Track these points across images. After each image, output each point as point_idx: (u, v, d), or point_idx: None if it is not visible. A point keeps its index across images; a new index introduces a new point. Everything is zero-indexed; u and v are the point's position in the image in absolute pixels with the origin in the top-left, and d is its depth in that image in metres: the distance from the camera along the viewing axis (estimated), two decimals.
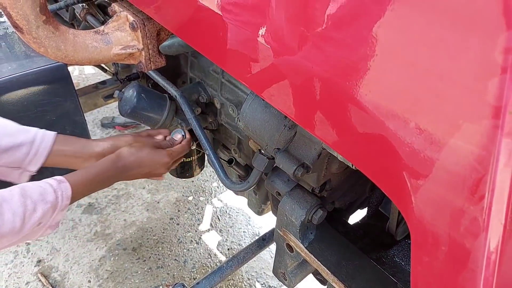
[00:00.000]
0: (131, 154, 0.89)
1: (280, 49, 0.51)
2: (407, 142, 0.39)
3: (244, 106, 0.81)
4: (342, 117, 0.45)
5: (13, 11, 0.63)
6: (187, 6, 0.67)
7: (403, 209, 0.42)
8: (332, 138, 0.48)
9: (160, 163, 0.93)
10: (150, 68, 0.85)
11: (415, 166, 0.40)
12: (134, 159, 0.89)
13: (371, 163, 0.45)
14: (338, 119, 0.46)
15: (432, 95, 0.37)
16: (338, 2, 0.41)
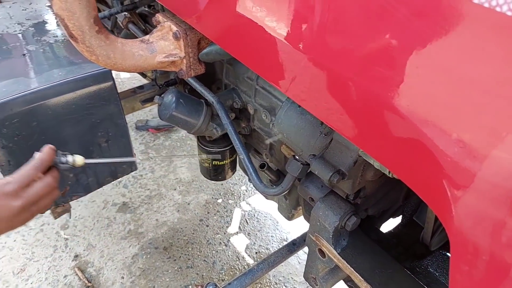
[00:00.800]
0: None
1: (319, 58, 0.52)
2: (449, 152, 0.40)
3: (280, 113, 0.83)
4: (383, 126, 0.46)
5: (70, 22, 0.68)
6: (227, 16, 0.70)
7: (443, 218, 0.43)
8: (371, 146, 0.49)
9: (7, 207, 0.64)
10: (191, 75, 0.89)
11: (456, 176, 0.40)
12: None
13: (410, 171, 0.46)
14: (378, 127, 0.47)
15: (475, 106, 0.37)
16: (379, 13, 0.42)
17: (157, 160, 2.62)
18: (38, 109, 0.97)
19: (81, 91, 1.02)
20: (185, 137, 2.81)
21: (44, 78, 0.99)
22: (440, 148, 0.41)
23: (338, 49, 0.49)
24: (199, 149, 1.32)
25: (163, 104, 1.09)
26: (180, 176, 2.48)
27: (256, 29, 0.62)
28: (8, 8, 1.38)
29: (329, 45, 0.51)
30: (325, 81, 0.53)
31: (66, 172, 0.74)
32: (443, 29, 0.38)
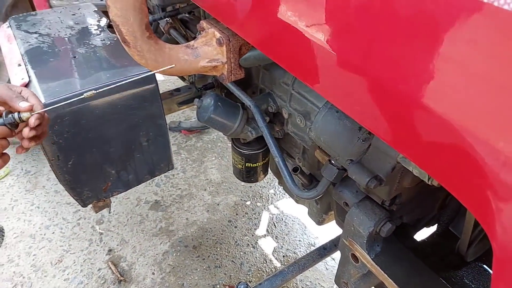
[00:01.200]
0: None
1: (360, 61, 0.54)
2: (493, 161, 0.41)
3: (317, 118, 0.84)
4: (426, 131, 0.47)
5: (124, 28, 0.73)
6: (269, 22, 0.73)
7: (487, 227, 0.43)
8: (414, 152, 0.50)
9: None
10: (231, 79, 0.92)
11: (501, 187, 0.41)
12: None
13: (454, 179, 0.46)
14: (422, 132, 0.48)
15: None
16: (423, 18, 0.43)
17: (188, 161, 2.69)
18: (87, 109, 1.03)
19: (126, 92, 1.07)
20: (216, 139, 2.86)
21: (93, 80, 1.05)
22: (485, 157, 0.42)
23: (379, 53, 0.50)
24: (233, 151, 1.36)
25: (202, 107, 1.13)
26: (211, 177, 2.53)
27: (296, 35, 0.64)
28: (59, 13, 1.47)
29: (370, 49, 0.52)
30: (367, 85, 0.54)
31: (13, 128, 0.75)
32: (492, 35, 0.39)
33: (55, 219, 2.26)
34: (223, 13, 0.84)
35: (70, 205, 2.35)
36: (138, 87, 1.08)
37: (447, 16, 0.41)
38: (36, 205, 2.36)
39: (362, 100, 0.57)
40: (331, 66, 0.61)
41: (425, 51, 0.44)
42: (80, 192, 1.18)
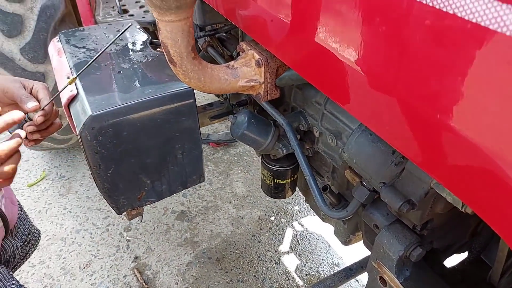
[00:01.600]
0: None
1: (395, 86, 0.56)
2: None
3: (351, 139, 0.86)
4: (461, 158, 0.48)
5: (172, 49, 0.78)
6: (306, 46, 0.76)
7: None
8: (448, 178, 0.52)
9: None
10: (267, 99, 0.96)
11: None
12: None
13: (489, 207, 0.48)
14: (456, 159, 0.49)
15: None
16: (451, 42, 0.45)
17: (215, 173, 2.73)
18: (129, 121, 1.09)
19: (165, 106, 1.13)
20: (242, 153, 2.91)
21: (136, 94, 1.11)
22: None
23: (411, 74, 0.52)
24: (263, 166, 1.39)
25: (236, 123, 1.17)
26: (236, 190, 2.57)
27: (330, 57, 0.67)
28: (104, 29, 1.56)
29: (401, 70, 0.54)
30: (398, 107, 0.56)
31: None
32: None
33: (86, 224, 2.35)
34: (262, 36, 0.89)
35: (100, 211, 2.44)
36: (177, 102, 1.13)
37: (482, 40, 0.42)
38: (68, 209, 2.46)
39: (394, 122, 0.59)
40: (363, 87, 0.63)
41: (458, 74, 0.46)
42: (116, 200, 1.23)
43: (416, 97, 0.53)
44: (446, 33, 0.46)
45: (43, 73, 2.11)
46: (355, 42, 0.62)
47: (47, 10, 1.94)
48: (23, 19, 1.92)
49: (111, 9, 1.96)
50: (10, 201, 1.10)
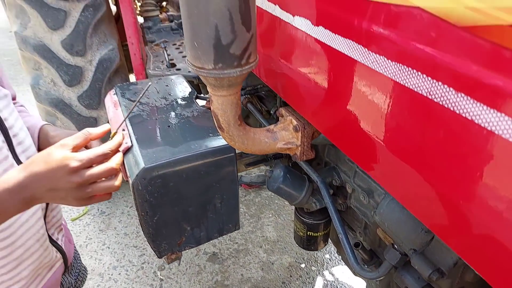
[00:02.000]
0: (26, 167, 0.70)
1: (421, 163, 0.62)
2: None
3: (382, 203, 0.92)
4: (485, 239, 0.53)
5: (222, 118, 0.89)
6: (337, 117, 0.84)
7: None
8: (470, 257, 0.56)
9: (62, 170, 0.68)
10: (303, 159, 1.04)
11: None
12: (40, 158, 0.70)
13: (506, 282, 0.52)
14: (478, 238, 0.54)
15: None
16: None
17: (246, 216, 2.79)
18: (176, 173, 1.19)
19: (209, 159, 1.23)
20: (273, 196, 2.96)
21: (184, 148, 1.23)
22: None
23: (439, 158, 0.58)
24: (296, 219, 1.44)
25: (272, 177, 1.25)
26: (267, 234, 2.61)
27: (360, 131, 0.75)
28: (155, 84, 1.73)
29: (429, 152, 0.60)
30: (423, 184, 0.62)
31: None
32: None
33: (122, 261, 2.45)
34: (299, 104, 0.99)
35: (137, 248, 2.54)
36: (219, 155, 1.24)
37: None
38: (107, 245, 2.58)
39: (417, 195, 0.64)
40: (387, 159, 0.70)
41: (479, 159, 0.52)
42: (159, 244, 1.32)
43: (439, 174, 0.59)
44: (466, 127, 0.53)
45: (96, 118, 2.32)
46: (380, 117, 0.69)
47: (104, 63, 2.16)
48: (82, 71, 2.15)
49: (161, 63, 2.16)
50: (68, 240, 1.21)
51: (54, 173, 0.68)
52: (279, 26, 0.94)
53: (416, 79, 0.56)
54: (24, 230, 0.87)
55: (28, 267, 0.91)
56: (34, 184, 0.68)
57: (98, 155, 0.74)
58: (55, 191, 0.69)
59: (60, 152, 0.70)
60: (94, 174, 0.72)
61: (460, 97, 0.50)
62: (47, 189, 0.69)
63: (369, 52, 0.65)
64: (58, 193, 0.70)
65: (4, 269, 0.85)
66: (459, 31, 0.49)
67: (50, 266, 1.02)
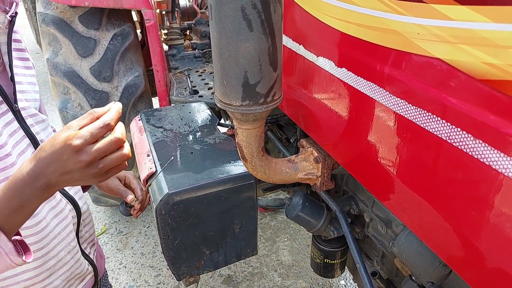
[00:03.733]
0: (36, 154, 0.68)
1: (435, 199, 0.65)
2: None
3: (401, 235, 0.94)
4: (504, 277, 0.56)
5: (246, 149, 0.94)
6: (359, 151, 0.88)
7: None
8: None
9: (67, 148, 0.65)
10: (322, 189, 1.07)
11: None
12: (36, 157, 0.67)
13: None
14: (495, 278, 0.57)
15: None
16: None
17: (262, 239, 2.80)
18: (198, 199, 1.24)
19: (230, 186, 1.28)
20: (289, 220, 2.96)
21: (206, 175, 1.28)
22: None
23: (455, 196, 0.61)
24: (313, 246, 1.46)
25: (291, 205, 1.29)
26: (282, 258, 2.61)
27: (379, 166, 0.78)
28: (179, 110, 1.80)
29: (447, 192, 0.63)
30: (445, 222, 0.65)
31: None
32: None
33: (138, 280, 2.48)
34: (319, 137, 1.03)
35: (153, 268, 2.57)
36: (240, 182, 1.28)
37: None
38: (123, 264, 2.62)
39: (434, 229, 0.67)
40: (404, 193, 0.73)
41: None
42: (178, 267, 1.36)
43: (454, 210, 0.61)
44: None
45: None
46: (397, 153, 0.73)
47: (129, 88, 2.26)
48: (109, 96, 2.25)
49: (184, 89, 2.25)
50: (99, 255, 1.26)
51: (61, 156, 0.65)
52: (303, 64, 0.99)
53: (434, 123, 0.60)
54: (56, 242, 0.94)
55: (60, 277, 0.97)
56: (45, 170, 0.66)
57: (99, 127, 0.67)
58: (68, 174, 0.66)
59: (64, 133, 0.66)
60: (100, 148, 0.67)
61: (478, 143, 0.54)
62: (60, 173, 0.66)
63: (391, 95, 0.69)
64: (72, 175, 0.67)
65: (38, 278, 0.92)
66: (477, 83, 0.53)
67: (81, 278, 1.08)
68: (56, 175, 0.66)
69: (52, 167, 0.65)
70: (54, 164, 0.65)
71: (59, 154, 0.65)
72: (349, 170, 0.95)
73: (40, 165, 0.66)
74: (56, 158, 0.65)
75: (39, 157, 0.66)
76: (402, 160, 0.72)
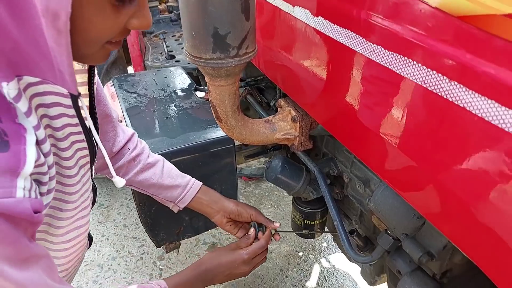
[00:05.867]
0: (211, 258, 0.98)
1: (412, 151, 0.64)
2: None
3: (377, 191, 0.94)
4: (471, 222, 0.56)
5: (220, 108, 0.91)
6: (335, 109, 0.86)
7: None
8: (458, 239, 0.59)
9: (238, 262, 0.98)
10: (300, 149, 1.06)
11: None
12: (214, 262, 0.97)
13: (494, 265, 0.54)
14: (470, 222, 0.57)
15: None
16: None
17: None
18: (174, 164, 1.21)
19: (208, 151, 1.25)
20: (273, 188, 2.99)
21: (182, 140, 1.25)
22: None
23: (432, 147, 0.60)
24: (293, 208, 1.47)
25: (271, 168, 1.27)
26: None
27: (358, 122, 0.77)
28: (154, 75, 1.74)
29: (424, 142, 0.62)
30: (422, 175, 0.64)
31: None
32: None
33: (121, 252, 2.47)
34: (297, 96, 1.00)
35: (136, 239, 2.56)
36: (218, 147, 1.26)
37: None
38: (106, 236, 2.60)
39: (411, 183, 0.67)
40: (383, 148, 0.72)
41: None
42: (157, 234, 1.35)
43: (431, 162, 0.61)
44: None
45: None
46: (376, 106, 0.71)
47: None
48: None
49: (159, 54, 2.17)
50: None
51: (234, 267, 0.97)
52: (279, 16, 0.95)
53: (411, 68, 0.58)
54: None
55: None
56: (219, 272, 0.96)
57: (261, 248, 1.04)
58: (230, 276, 0.98)
59: (236, 253, 1.00)
60: (259, 260, 1.04)
61: (453, 85, 0.52)
62: (226, 275, 0.97)
63: (367, 42, 0.67)
64: (232, 277, 0.99)
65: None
66: (455, 21, 0.50)
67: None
68: (225, 277, 0.98)
69: (226, 272, 0.97)
70: (227, 271, 0.97)
71: (233, 266, 0.97)
72: (327, 128, 0.94)
73: (215, 270, 0.95)
74: (231, 269, 0.97)
75: (216, 264, 0.96)
76: (378, 112, 0.71)
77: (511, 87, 0.45)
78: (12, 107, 0.47)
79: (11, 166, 0.46)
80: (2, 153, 0.45)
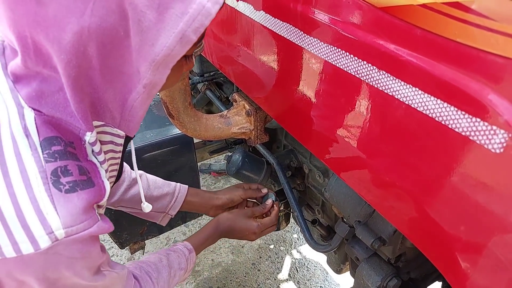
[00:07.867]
0: (227, 220, 1.06)
1: (359, 146, 0.66)
2: (461, 234, 0.51)
3: (331, 180, 0.96)
4: (410, 207, 0.58)
5: (170, 105, 0.90)
6: (286, 103, 0.87)
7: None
8: (400, 223, 0.61)
9: (249, 232, 1.07)
10: (257, 143, 1.06)
11: (468, 253, 0.51)
12: (229, 225, 1.05)
13: (431, 246, 0.57)
14: (407, 206, 0.59)
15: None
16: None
17: None
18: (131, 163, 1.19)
19: (166, 149, 1.24)
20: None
21: (139, 138, 1.23)
22: (455, 228, 0.52)
23: (375, 139, 0.62)
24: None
25: (231, 162, 1.27)
26: None
27: (304, 114, 0.78)
28: None
29: (367, 133, 0.64)
30: (367, 165, 0.66)
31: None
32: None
33: None
34: (249, 90, 1.01)
35: (105, 242, 2.51)
36: (176, 144, 1.25)
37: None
38: None
39: (357, 173, 0.69)
40: (330, 140, 0.73)
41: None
42: (119, 235, 1.32)
43: (374, 154, 0.63)
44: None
45: None
46: (318, 98, 0.73)
47: None
48: None
49: None
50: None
51: (245, 234, 1.07)
52: (225, 12, 0.95)
53: (345, 59, 0.59)
54: None
55: None
56: (231, 234, 1.06)
57: (272, 222, 1.12)
58: (240, 238, 1.09)
59: (249, 224, 1.07)
60: (265, 233, 1.12)
61: (381, 74, 0.53)
62: (237, 237, 1.08)
63: (305, 35, 0.67)
64: (242, 239, 1.09)
65: None
66: (378, 12, 0.52)
67: None
68: (235, 237, 1.08)
69: (237, 236, 1.08)
70: (238, 235, 1.07)
71: (244, 233, 1.06)
72: (278, 121, 0.95)
73: (229, 231, 1.05)
74: (242, 235, 1.07)
75: (230, 227, 1.05)
76: (320, 103, 0.72)
77: (432, 75, 0.46)
78: (84, 146, 0.53)
79: (98, 199, 0.53)
80: (90, 188, 0.52)
